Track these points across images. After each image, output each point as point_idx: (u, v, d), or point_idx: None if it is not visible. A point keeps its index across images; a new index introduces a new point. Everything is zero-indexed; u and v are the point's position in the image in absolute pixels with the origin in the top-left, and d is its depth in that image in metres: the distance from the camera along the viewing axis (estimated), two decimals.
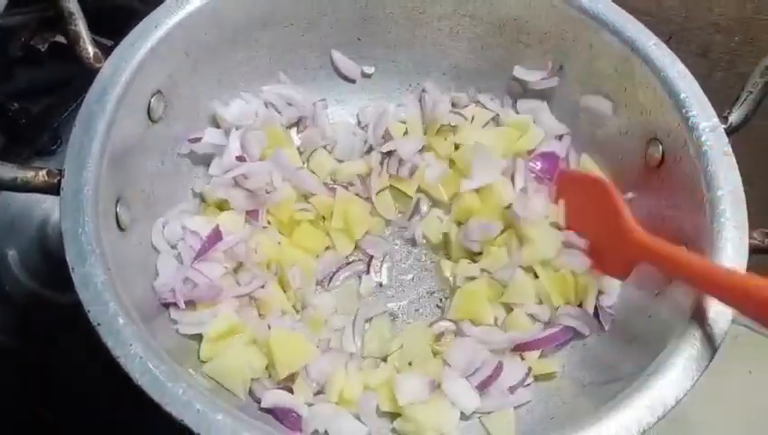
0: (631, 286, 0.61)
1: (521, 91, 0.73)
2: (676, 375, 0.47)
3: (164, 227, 0.61)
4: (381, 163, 0.71)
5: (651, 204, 0.62)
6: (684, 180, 0.58)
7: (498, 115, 0.74)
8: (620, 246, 0.57)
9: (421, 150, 0.72)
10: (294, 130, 0.73)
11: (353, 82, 0.75)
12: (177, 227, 0.61)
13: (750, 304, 0.45)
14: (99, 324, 0.44)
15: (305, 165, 0.71)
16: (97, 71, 0.55)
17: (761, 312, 0.44)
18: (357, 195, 0.69)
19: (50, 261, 0.71)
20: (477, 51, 0.72)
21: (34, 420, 0.67)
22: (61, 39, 0.81)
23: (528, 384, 0.60)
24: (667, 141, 0.60)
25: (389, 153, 0.71)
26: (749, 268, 0.51)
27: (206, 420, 0.42)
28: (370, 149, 0.72)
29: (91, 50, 0.57)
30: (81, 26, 0.57)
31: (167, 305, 0.57)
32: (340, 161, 0.72)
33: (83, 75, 0.56)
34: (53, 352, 0.67)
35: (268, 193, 0.64)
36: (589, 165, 0.70)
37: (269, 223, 0.65)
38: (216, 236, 0.60)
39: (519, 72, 0.71)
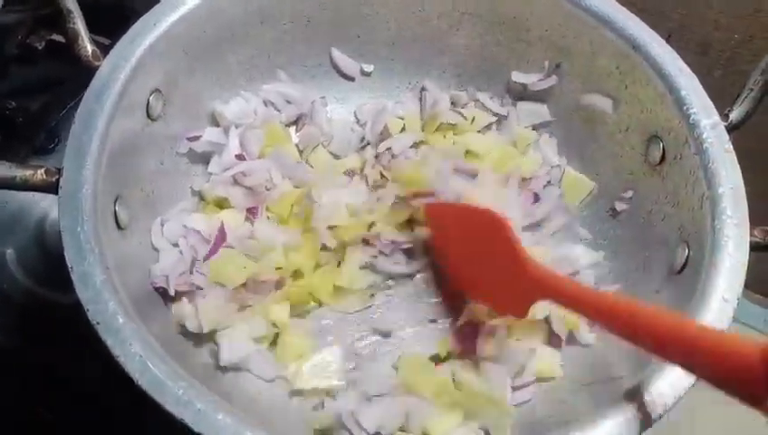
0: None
1: (521, 90, 0.72)
2: (675, 374, 0.46)
3: (163, 226, 0.61)
4: (376, 157, 0.70)
5: (652, 202, 0.62)
6: (684, 178, 0.58)
7: (502, 119, 0.73)
8: (517, 283, 0.53)
9: (417, 145, 0.71)
10: (294, 128, 0.73)
11: (353, 80, 0.74)
12: (176, 225, 0.61)
13: (668, 351, 0.42)
14: (98, 323, 0.44)
15: (305, 162, 0.71)
16: (95, 69, 0.55)
17: (680, 359, 0.40)
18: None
19: (48, 260, 0.71)
20: (477, 49, 0.72)
21: (33, 419, 0.67)
22: (57, 37, 0.81)
23: (528, 385, 0.60)
24: (667, 139, 0.60)
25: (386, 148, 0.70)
26: (750, 266, 0.51)
27: (206, 419, 0.42)
28: (367, 144, 0.72)
29: (89, 48, 0.56)
30: (79, 24, 0.56)
31: (162, 295, 0.57)
32: (337, 157, 0.72)
33: (80, 74, 0.56)
34: (52, 351, 0.67)
35: (268, 190, 0.64)
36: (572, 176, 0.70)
37: (268, 219, 0.65)
38: (221, 236, 0.60)
39: (517, 76, 0.71)
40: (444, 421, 0.55)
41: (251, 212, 0.63)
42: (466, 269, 0.60)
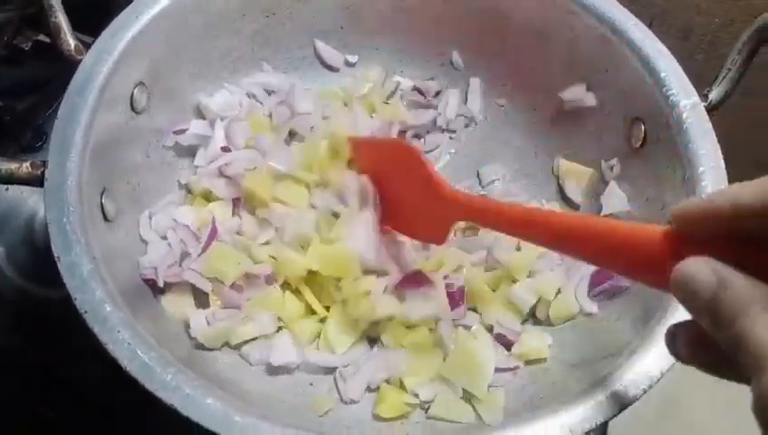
0: None
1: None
2: (660, 348, 0.47)
3: (151, 219, 0.61)
4: None
5: (635, 184, 0.63)
6: (666, 159, 0.58)
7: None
8: (433, 207, 0.55)
9: None
10: None
11: (337, 70, 0.75)
12: (165, 218, 0.61)
13: (586, 252, 0.42)
14: (85, 312, 0.44)
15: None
16: (78, 63, 0.55)
17: (590, 255, 0.41)
18: None
19: (38, 257, 0.71)
20: (461, 38, 0.73)
21: (34, 418, 0.67)
22: (44, 38, 0.81)
23: (517, 368, 0.60)
24: (648, 121, 0.61)
25: None
26: None
27: (195, 403, 0.42)
28: None
29: (71, 42, 0.56)
30: (61, 18, 0.56)
31: (151, 286, 0.57)
32: None
33: (67, 73, 0.56)
34: (47, 349, 0.67)
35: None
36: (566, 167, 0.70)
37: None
38: (213, 232, 0.60)
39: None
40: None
41: (235, 204, 0.63)
42: (390, 201, 0.61)
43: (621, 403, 0.45)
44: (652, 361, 0.47)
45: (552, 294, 0.61)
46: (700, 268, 0.30)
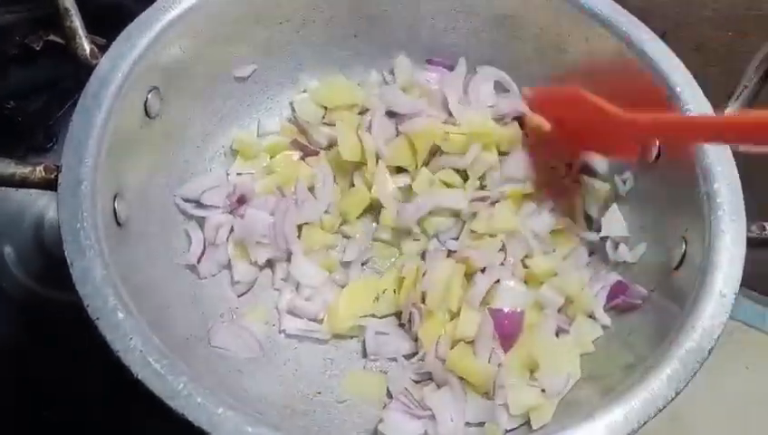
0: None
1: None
2: (675, 367, 0.47)
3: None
4: None
5: (649, 199, 0.63)
6: (681, 174, 0.58)
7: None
8: (617, 132, 0.61)
9: None
10: None
11: None
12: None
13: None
14: (98, 319, 0.44)
15: None
16: (93, 67, 0.55)
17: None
18: None
19: (46, 258, 0.71)
20: (473, 47, 0.72)
21: (35, 420, 0.67)
22: (55, 38, 0.81)
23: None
24: None
25: None
26: (749, 263, 0.51)
27: (206, 413, 0.42)
28: None
29: (87, 46, 0.56)
30: (77, 23, 0.57)
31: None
32: None
33: (78, 73, 0.56)
34: (53, 350, 0.67)
35: None
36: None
37: None
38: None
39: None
40: None
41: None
42: (580, 133, 0.66)
43: (636, 422, 0.45)
44: (668, 379, 0.46)
45: (579, 291, 0.62)
46: None
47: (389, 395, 0.60)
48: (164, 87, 0.60)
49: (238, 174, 0.69)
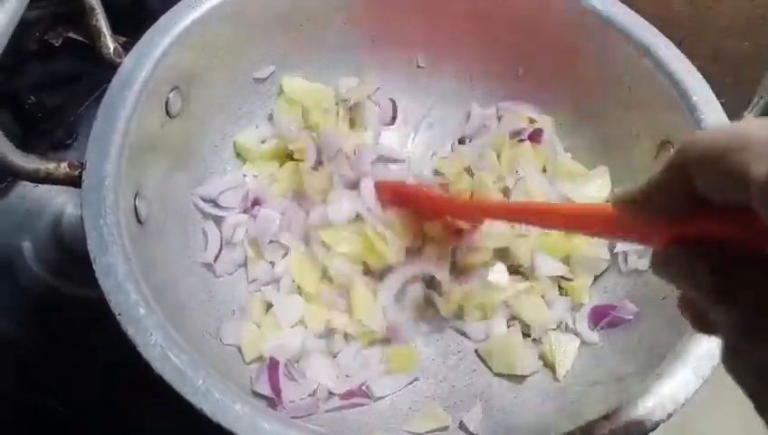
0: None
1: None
2: (685, 373, 0.47)
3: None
4: None
5: None
6: None
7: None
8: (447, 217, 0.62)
9: None
10: None
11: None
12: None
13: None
14: (120, 314, 0.45)
15: None
16: (117, 66, 0.56)
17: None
18: None
19: (64, 254, 0.72)
20: (489, 52, 0.73)
21: (48, 413, 0.67)
22: (75, 35, 0.82)
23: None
24: (677, 143, 0.61)
25: None
26: None
27: (224, 408, 0.42)
28: None
29: (111, 45, 0.57)
30: (102, 21, 0.57)
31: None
32: None
33: (98, 70, 0.57)
34: (69, 345, 0.68)
35: None
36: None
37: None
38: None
39: None
40: None
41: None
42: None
43: (645, 427, 0.45)
44: (678, 385, 0.47)
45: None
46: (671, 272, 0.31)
47: None
48: (185, 86, 0.61)
49: (255, 175, 0.70)
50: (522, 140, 0.71)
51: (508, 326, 0.65)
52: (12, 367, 0.67)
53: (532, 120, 0.73)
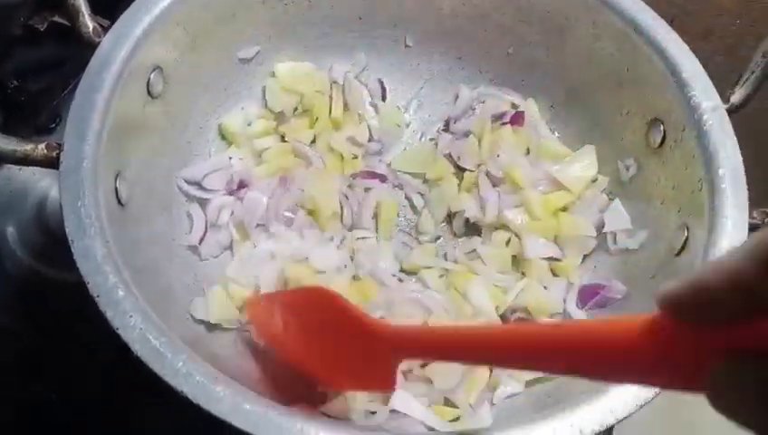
0: None
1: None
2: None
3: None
4: None
5: (651, 185, 0.62)
6: (684, 160, 0.58)
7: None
8: (371, 351, 0.46)
9: None
10: None
11: None
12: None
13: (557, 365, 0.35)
14: (98, 296, 0.44)
15: None
16: (96, 45, 0.55)
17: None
18: None
19: (48, 238, 0.71)
20: (477, 31, 0.72)
21: (38, 401, 0.67)
22: (60, 19, 0.80)
23: None
24: (668, 121, 0.60)
25: None
26: None
27: (205, 390, 0.42)
28: None
29: (90, 24, 0.56)
30: (80, 1, 0.56)
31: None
32: None
33: (82, 55, 0.56)
34: (56, 332, 0.67)
35: None
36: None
37: None
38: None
39: None
40: None
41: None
42: (316, 359, 0.51)
43: (633, 404, 0.45)
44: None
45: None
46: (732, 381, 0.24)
47: None
48: (167, 67, 0.60)
49: (240, 158, 0.69)
50: (504, 124, 0.70)
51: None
52: (9, 357, 0.67)
53: (514, 105, 0.72)
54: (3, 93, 0.74)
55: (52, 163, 0.50)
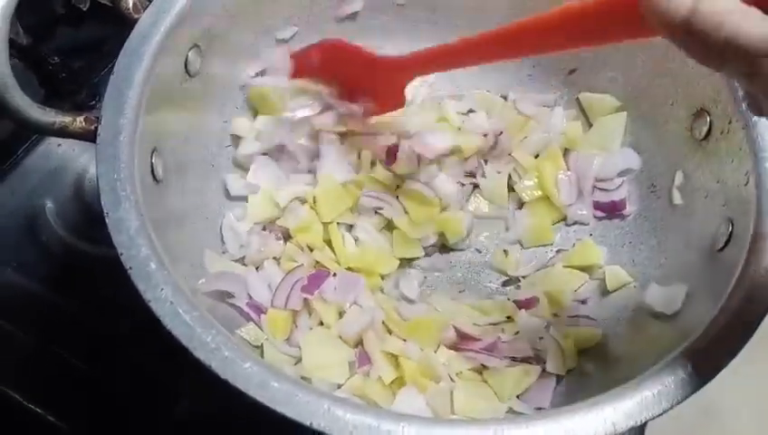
0: None
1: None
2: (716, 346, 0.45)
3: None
4: None
5: (695, 178, 0.61)
6: (730, 153, 0.56)
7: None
8: (385, 79, 0.62)
9: None
10: None
11: None
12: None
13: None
14: (131, 268, 0.44)
15: None
16: (135, 21, 0.55)
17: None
18: None
19: (86, 214, 0.72)
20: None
21: (66, 370, 0.68)
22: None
23: None
24: (714, 112, 0.58)
25: None
26: None
27: (233, 366, 0.42)
28: None
29: (130, 0, 0.57)
30: None
31: None
32: None
33: (123, 35, 0.56)
34: (91, 304, 0.68)
35: None
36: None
37: None
38: None
39: None
40: None
41: None
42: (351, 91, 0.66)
43: (668, 401, 0.44)
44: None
45: None
46: None
47: None
48: (205, 45, 0.60)
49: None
50: None
51: None
52: (39, 324, 0.68)
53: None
54: (45, 70, 0.75)
55: (89, 136, 0.50)
